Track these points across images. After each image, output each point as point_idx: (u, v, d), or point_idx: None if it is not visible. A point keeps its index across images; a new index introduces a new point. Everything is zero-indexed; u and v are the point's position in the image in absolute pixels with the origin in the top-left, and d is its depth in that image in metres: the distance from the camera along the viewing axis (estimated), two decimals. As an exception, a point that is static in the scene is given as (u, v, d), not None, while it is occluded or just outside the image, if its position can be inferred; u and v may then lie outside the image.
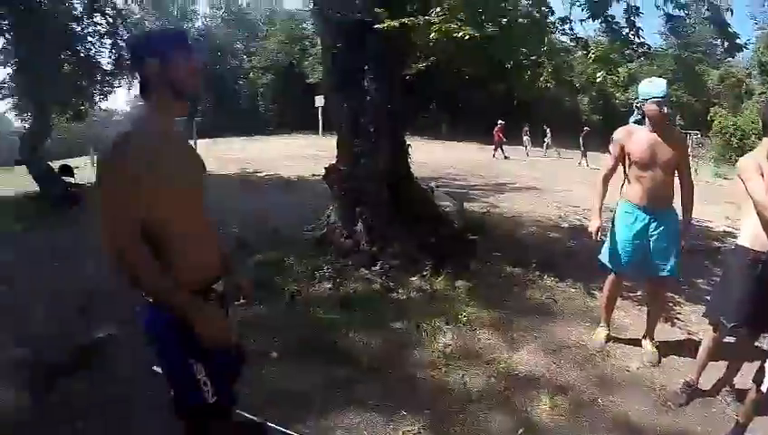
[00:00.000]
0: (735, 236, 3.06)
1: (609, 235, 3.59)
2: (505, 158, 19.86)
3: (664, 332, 3.93)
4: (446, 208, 6.55)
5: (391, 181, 5.39)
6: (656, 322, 3.72)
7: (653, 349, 3.60)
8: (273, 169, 13.54)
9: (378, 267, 4.79)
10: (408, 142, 5.95)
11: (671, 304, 4.44)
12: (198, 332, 1.68)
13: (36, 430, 2.89)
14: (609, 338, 3.75)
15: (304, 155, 16.38)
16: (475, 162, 18.19)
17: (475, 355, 3.57)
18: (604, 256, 3.63)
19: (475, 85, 29.71)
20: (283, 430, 2.67)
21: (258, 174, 13.24)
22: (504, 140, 20.54)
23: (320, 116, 20.08)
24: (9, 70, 12.15)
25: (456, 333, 3.83)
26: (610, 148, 3.48)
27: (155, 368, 3.21)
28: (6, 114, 14.51)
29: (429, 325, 3.89)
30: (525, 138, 21.68)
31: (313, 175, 11.04)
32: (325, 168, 5.58)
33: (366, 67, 5.20)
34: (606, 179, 3.53)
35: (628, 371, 3.39)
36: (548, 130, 22.37)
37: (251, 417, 2.62)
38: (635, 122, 3.42)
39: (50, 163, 11.67)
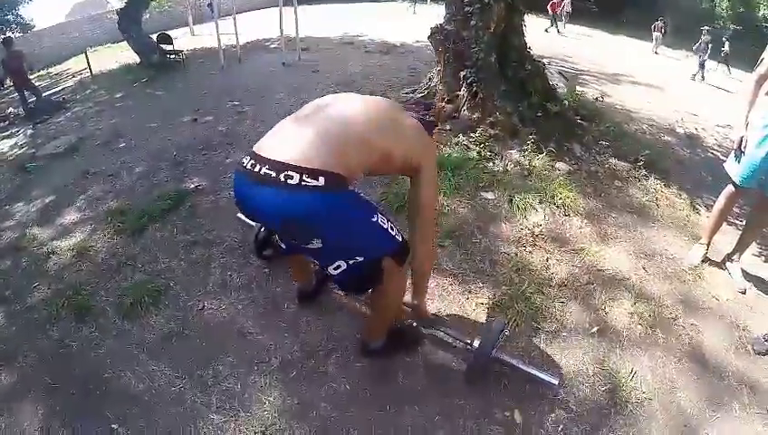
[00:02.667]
0: None
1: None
2: (558, 32, 17.56)
3: (763, 270, 3.32)
4: (556, 87, 5.80)
5: (502, 48, 4.67)
6: (748, 244, 3.19)
7: (741, 274, 3.14)
8: (376, 35, 12.21)
9: (477, 134, 4.35)
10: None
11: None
12: None
13: (130, 268, 3.09)
14: (705, 259, 3.26)
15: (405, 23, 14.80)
16: (591, 47, 16.00)
17: (564, 241, 3.25)
18: (729, 165, 3.04)
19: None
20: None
21: (360, 38, 12.07)
22: (558, 14, 17.92)
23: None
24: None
25: (548, 215, 3.48)
26: (765, 53, 2.83)
27: (239, 215, 3.17)
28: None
29: (522, 201, 3.54)
30: (656, 33, 17.18)
31: (417, 41, 10.21)
32: (431, 27, 4.89)
33: None
34: (758, 85, 2.85)
35: (716, 299, 2.94)
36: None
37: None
38: None
39: (150, 36, 11.40)
